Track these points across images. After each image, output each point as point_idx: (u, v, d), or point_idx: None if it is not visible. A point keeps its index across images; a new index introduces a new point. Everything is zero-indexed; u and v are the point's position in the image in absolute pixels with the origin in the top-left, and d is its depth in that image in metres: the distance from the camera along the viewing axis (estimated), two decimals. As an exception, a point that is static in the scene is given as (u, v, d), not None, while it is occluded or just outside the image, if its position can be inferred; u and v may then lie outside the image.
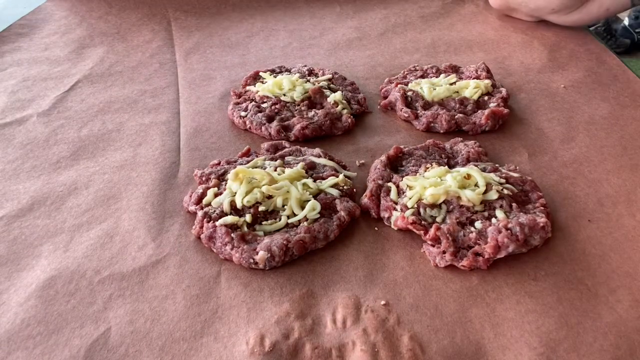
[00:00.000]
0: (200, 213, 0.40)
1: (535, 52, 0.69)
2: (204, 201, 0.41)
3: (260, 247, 0.37)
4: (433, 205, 0.40)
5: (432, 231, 0.37)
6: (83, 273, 0.37)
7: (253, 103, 0.54)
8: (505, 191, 0.40)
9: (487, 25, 0.77)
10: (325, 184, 0.42)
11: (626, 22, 1.97)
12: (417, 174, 0.43)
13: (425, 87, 0.56)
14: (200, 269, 0.37)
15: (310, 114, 0.53)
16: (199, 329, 0.33)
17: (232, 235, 0.37)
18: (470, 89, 0.55)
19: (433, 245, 0.38)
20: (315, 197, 0.41)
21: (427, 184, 0.40)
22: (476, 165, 0.44)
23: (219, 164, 0.46)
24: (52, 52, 0.69)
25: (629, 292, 0.35)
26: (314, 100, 0.55)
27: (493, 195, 0.39)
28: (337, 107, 0.54)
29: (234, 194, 0.40)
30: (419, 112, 0.53)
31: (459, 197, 0.39)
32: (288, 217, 0.40)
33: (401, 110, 0.54)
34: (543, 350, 0.31)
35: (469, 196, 0.39)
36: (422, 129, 0.52)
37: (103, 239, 0.40)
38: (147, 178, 0.46)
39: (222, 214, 0.39)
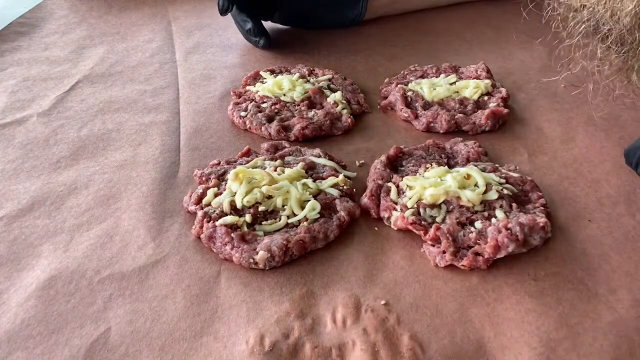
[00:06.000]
0: (200, 213, 0.40)
1: (535, 52, 0.69)
2: (204, 201, 0.41)
3: (260, 247, 0.37)
4: (433, 205, 0.40)
5: (432, 231, 0.37)
6: (83, 273, 0.37)
7: (253, 103, 0.54)
8: (505, 191, 0.40)
9: (487, 25, 0.77)
10: (325, 184, 0.42)
11: (626, 22, 1.96)
12: (417, 174, 0.43)
13: (425, 87, 0.56)
14: (200, 269, 0.37)
15: (310, 114, 0.53)
16: (198, 329, 0.33)
17: (232, 235, 0.37)
18: (470, 89, 0.55)
19: (433, 245, 0.38)
20: (315, 197, 0.41)
21: (427, 184, 0.40)
22: (476, 165, 0.44)
23: (218, 164, 0.46)
24: (52, 52, 0.69)
25: (629, 292, 0.35)
26: (313, 100, 0.55)
27: (493, 195, 0.39)
28: (337, 107, 0.54)
29: (234, 194, 0.40)
30: (419, 112, 0.53)
31: (458, 197, 0.39)
32: (288, 217, 0.40)
33: (401, 111, 0.54)
34: (543, 350, 0.31)
35: (469, 196, 0.39)
36: (422, 129, 0.52)
37: (103, 239, 0.40)
38: (147, 178, 0.46)
39: (222, 214, 0.39)
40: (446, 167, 0.43)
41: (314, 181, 0.43)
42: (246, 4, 0.65)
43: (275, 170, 0.43)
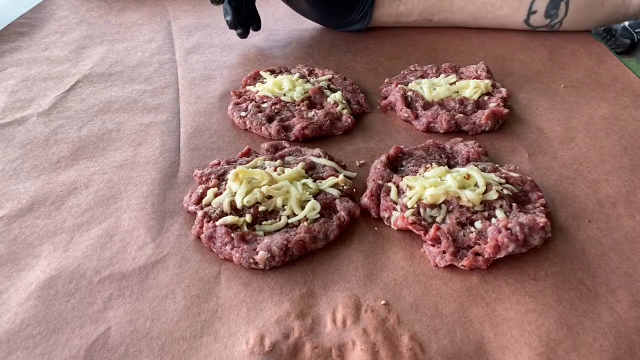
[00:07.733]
0: (200, 213, 0.40)
1: (535, 52, 0.69)
2: (204, 201, 0.41)
3: (260, 247, 0.37)
4: (433, 205, 0.40)
5: (432, 231, 0.37)
6: (83, 273, 0.37)
7: (253, 103, 0.54)
8: (505, 191, 0.40)
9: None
10: (325, 184, 0.42)
11: (626, 22, 1.97)
12: (417, 174, 0.43)
13: (425, 87, 0.56)
14: (200, 269, 0.37)
15: (310, 114, 0.53)
16: (198, 329, 0.33)
17: (232, 235, 0.37)
18: (470, 89, 0.55)
19: (433, 245, 0.38)
20: (315, 197, 0.41)
21: (427, 184, 0.40)
22: (476, 165, 0.44)
23: (218, 164, 0.46)
24: (52, 52, 0.69)
25: (628, 292, 0.35)
26: (314, 100, 0.55)
27: (493, 195, 0.39)
28: (337, 107, 0.54)
29: (234, 194, 0.40)
30: (419, 112, 0.53)
31: (458, 197, 0.39)
32: (288, 217, 0.40)
33: (401, 111, 0.54)
34: (543, 350, 0.31)
35: (469, 196, 0.39)
36: (422, 129, 0.52)
37: (103, 239, 0.40)
38: (147, 178, 0.46)
39: (222, 214, 0.39)
40: (446, 167, 0.43)
41: (314, 181, 0.43)
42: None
43: (275, 170, 0.43)
